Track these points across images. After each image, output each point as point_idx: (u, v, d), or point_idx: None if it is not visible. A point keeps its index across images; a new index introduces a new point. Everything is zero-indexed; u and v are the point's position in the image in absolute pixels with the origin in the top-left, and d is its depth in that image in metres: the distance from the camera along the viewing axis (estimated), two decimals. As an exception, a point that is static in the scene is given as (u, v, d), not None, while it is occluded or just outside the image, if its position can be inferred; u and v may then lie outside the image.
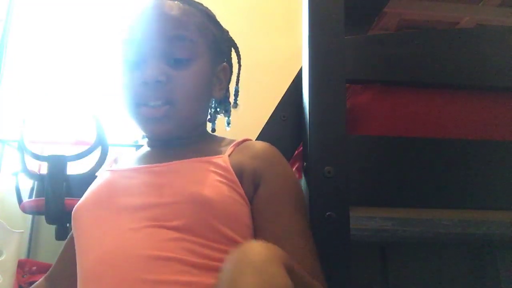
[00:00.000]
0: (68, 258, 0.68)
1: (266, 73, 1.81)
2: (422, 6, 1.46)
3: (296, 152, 0.85)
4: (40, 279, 0.71)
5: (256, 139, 0.82)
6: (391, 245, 1.34)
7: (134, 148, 2.42)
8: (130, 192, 0.60)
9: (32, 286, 0.71)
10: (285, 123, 0.83)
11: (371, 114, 0.81)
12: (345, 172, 0.67)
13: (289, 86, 0.85)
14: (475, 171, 0.75)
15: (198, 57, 0.64)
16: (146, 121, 0.64)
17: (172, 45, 0.62)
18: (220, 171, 0.59)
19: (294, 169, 0.89)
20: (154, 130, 0.65)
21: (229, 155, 0.63)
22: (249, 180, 0.60)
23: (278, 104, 0.85)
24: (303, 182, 0.73)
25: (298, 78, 0.80)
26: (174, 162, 0.62)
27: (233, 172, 0.60)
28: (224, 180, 0.59)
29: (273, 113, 0.85)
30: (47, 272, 0.72)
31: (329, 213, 0.65)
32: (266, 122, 0.85)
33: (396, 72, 0.82)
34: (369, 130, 0.80)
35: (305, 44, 0.74)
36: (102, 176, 0.68)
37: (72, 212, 0.64)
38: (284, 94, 0.85)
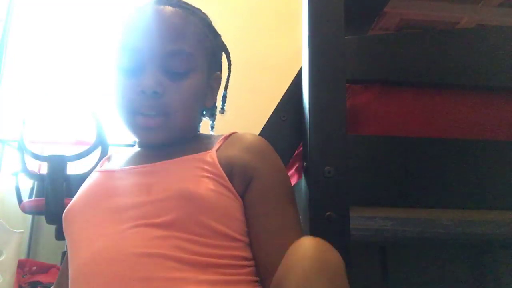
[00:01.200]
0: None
1: (266, 73, 1.81)
2: (422, 6, 1.46)
3: (296, 152, 0.85)
4: None
5: (256, 139, 0.82)
6: (391, 245, 1.34)
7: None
8: (119, 193, 0.61)
9: None
10: (285, 123, 0.83)
11: (371, 114, 0.81)
12: (345, 172, 0.67)
13: (289, 86, 0.85)
14: (475, 171, 0.75)
15: (195, 70, 0.64)
16: (140, 130, 0.64)
17: (171, 58, 0.62)
18: (206, 167, 0.59)
19: (294, 169, 0.89)
20: (147, 139, 0.66)
21: (217, 150, 0.63)
22: (240, 174, 0.60)
23: (278, 104, 0.85)
24: (303, 182, 0.73)
25: (298, 78, 0.80)
26: (162, 162, 0.62)
27: (220, 167, 0.60)
28: (210, 175, 0.58)
29: (273, 113, 0.85)
30: (55, 282, 0.72)
31: (329, 213, 0.65)
32: (266, 122, 0.85)
33: (396, 72, 0.82)
34: (369, 130, 0.80)
35: (305, 44, 0.74)
36: (92, 176, 0.68)
37: (63, 214, 0.64)
38: (284, 94, 0.85)
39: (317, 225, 0.65)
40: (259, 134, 0.84)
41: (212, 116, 0.75)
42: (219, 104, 0.75)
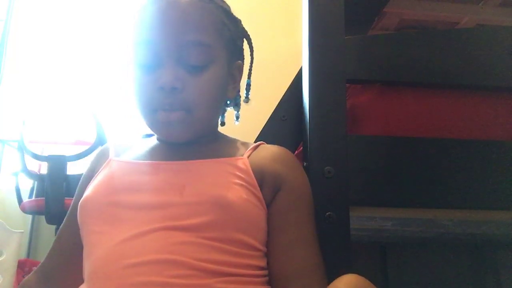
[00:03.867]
0: (63, 251, 0.67)
1: (266, 73, 1.81)
2: (422, 6, 1.46)
3: (296, 152, 0.85)
4: (29, 275, 0.68)
5: (256, 139, 0.82)
6: (391, 245, 1.34)
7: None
8: (147, 189, 0.59)
9: (22, 282, 0.68)
10: (285, 123, 0.83)
11: (371, 114, 0.81)
12: (345, 172, 0.67)
13: (289, 86, 0.85)
14: (475, 171, 0.75)
15: (215, 61, 0.62)
16: (161, 126, 0.62)
17: (189, 51, 0.59)
18: (240, 174, 0.59)
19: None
20: (169, 134, 0.63)
21: (248, 157, 0.62)
22: (269, 184, 0.60)
23: (278, 104, 0.85)
24: (303, 182, 0.73)
25: (298, 78, 0.80)
26: (194, 161, 0.61)
27: (253, 175, 0.59)
28: (244, 183, 0.58)
29: (273, 113, 0.85)
30: (37, 267, 0.69)
31: (329, 213, 0.65)
32: (266, 122, 0.85)
33: (396, 72, 0.82)
34: (369, 130, 0.80)
35: (305, 44, 0.74)
36: (110, 165, 0.65)
37: (80, 204, 0.61)
38: (284, 94, 0.85)
39: (317, 225, 0.64)
40: (259, 134, 0.84)
41: (237, 106, 0.73)
42: (242, 93, 0.73)
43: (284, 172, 0.61)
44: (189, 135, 0.63)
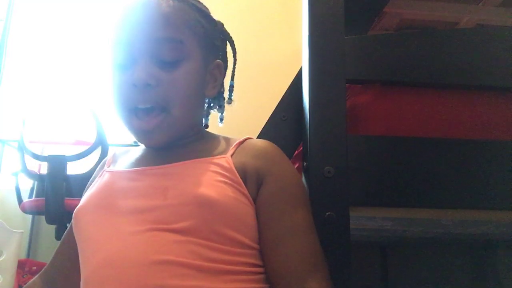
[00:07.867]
0: (66, 256, 0.68)
1: (266, 73, 1.81)
2: (422, 6, 1.46)
3: (296, 152, 0.85)
4: (34, 277, 0.70)
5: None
6: (391, 245, 1.34)
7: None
8: (133, 195, 0.59)
9: (26, 285, 0.69)
10: (285, 123, 0.83)
11: (371, 114, 0.81)
12: (345, 172, 0.67)
13: (289, 86, 0.85)
14: (475, 171, 0.75)
15: (188, 58, 0.62)
16: (139, 134, 0.63)
17: (160, 47, 0.60)
18: (223, 172, 0.59)
19: (294, 169, 0.89)
20: (147, 142, 0.65)
21: (231, 155, 0.62)
22: (252, 179, 0.60)
23: (278, 104, 0.85)
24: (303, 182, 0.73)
25: (298, 78, 0.80)
26: (176, 163, 0.61)
27: (237, 173, 0.59)
28: (228, 181, 0.58)
29: (273, 113, 0.85)
30: (42, 270, 0.70)
31: (329, 213, 0.65)
32: (266, 122, 0.85)
33: (396, 72, 0.82)
34: (369, 130, 0.80)
35: (305, 44, 0.74)
36: (103, 176, 0.67)
37: (73, 215, 0.63)
38: (284, 94, 0.85)
39: (317, 225, 0.64)
40: (259, 134, 0.84)
41: (220, 108, 0.73)
42: (226, 94, 0.73)
43: (265, 165, 0.61)
44: (168, 137, 0.63)
